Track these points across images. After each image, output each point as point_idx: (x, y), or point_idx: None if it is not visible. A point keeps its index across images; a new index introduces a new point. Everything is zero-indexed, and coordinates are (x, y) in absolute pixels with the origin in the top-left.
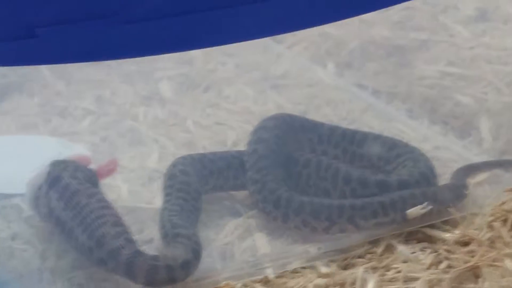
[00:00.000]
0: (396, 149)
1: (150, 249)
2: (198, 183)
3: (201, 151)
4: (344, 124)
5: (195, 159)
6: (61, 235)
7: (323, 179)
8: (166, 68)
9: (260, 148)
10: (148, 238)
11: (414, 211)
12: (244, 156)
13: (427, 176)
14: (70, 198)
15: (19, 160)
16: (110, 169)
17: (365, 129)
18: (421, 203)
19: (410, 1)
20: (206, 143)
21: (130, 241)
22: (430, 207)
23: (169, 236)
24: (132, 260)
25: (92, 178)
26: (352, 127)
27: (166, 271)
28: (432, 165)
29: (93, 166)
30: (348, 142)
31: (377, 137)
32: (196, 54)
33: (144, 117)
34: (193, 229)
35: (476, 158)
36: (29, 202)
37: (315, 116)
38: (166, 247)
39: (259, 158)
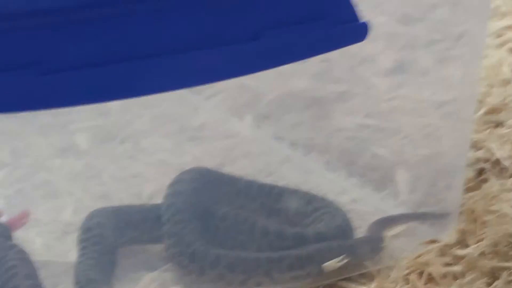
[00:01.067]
0: (313, 203)
1: None
2: (114, 236)
3: (117, 204)
4: (262, 177)
5: (110, 211)
6: None
7: (240, 232)
8: (82, 120)
9: (177, 201)
10: None
11: (330, 264)
12: (161, 209)
13: (344, 229)
14: None
15: None
16: (22, 221)
17: (283, 181)
18: (337, 256)
19: (327, 53)
20: (122, 196)
21: None
22: (346, 260)
23: None
24: None
25: (4, 232)
26: (269, 179)
27: None
28: (348, 218)
29: (4, 218)
30: (265, 197)
31: (294, 192)
32: (113, 105)
33: (59, 169)
34: (108, 285)
35: (393, 210)
36: None
37: (232, 168)
38: None
39: (176, 212)
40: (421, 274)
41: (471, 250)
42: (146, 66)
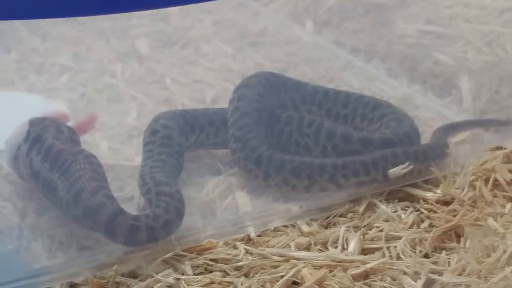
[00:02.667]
0: (380, 109)
1: (130, 207)
2: (180, 139)
3: (180, 108)
4: (323, 82)
5: (177, 114)
6: (45, 194)
7: (305, 135)
8: (141, 25)
9: (242, 105)
10: (129, 196)
11: (395, 171)
12: (226, 113)
13: (411, 135)
14: (54, 158)
15: (1, 116)
16: (90, 125)
17: (344, 87)
18: (402, 162)
19: None
20: (185, 101)
21: (111, 198)
22: (411, 166)
23: (151, 193)
24: (113, 219)
25: (72, 136)
26: (331, 85)
27: (147, 231)
28: (415, 125)
29: (72, 122)
30: (331, 102)
31: (361, 97)
32: (173, 11)
33: (121, 74)
34: (176, 187)
35: (456, 117)
36: (8, 161)
37: (293, 74)
38: (148, 205)
39: (241, 116)
40: (486, 180)
41: None
42: None
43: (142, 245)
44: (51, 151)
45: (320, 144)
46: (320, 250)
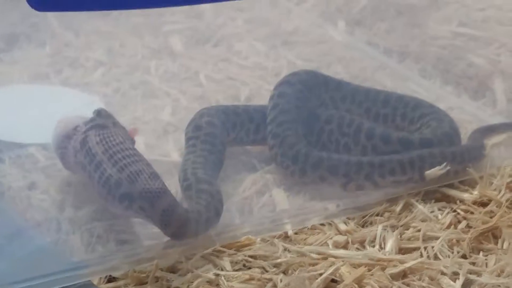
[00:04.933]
0: (420, 109)
1: None
2: (222, 135)
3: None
4: (356, 83)
5: (219, 110)
6: (94, 181)
7: (345, 135)
8: (174, 22)
9: (282, 102)
10: None
11: (432, 172)
12: (266, 110)
13: (451, 136)
14: (116, 151)
15: (34, 110)
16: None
17: (378, 88)
18: (439, 163)
19: None
20: (219, 98)
21: (167, 189)
22: (448, 167)
23: (192, 190)
24: (170, 209)
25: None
26: (364, 85)
27: (193, 224)
28: (456, 125)
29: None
30: (371, 102)
31: (401, 97)
32: (205, 8)
33: (155, 70)
34: (216, 185)
35: (490, 119)
36: (55, 150)
37: (327, 73)
38: (188, 201)
39: (280, 113)
40: None
41: None
42: None
43: (187, 238)
44: (113, 143)
45: (360, 144)
46: (357, 249)
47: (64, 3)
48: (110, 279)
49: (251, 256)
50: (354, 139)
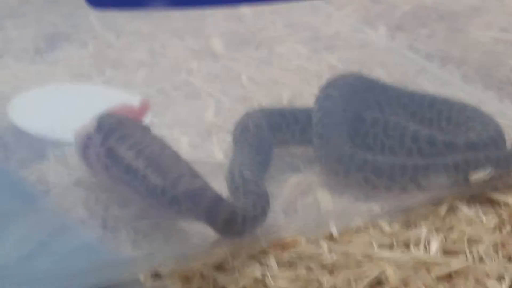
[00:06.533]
0: (465, 112)
1: None
2: (268, 136)
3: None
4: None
5: (266, 112)
6: (127, 182)
7: (390, 137)
8: (215, 24)
9: (328, 104)
10: None
11: (477, 175)
12: (311, 112)
13: (496, 139)
14: (141, 148)
15: (78, 109)
16: (142, 114)
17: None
18: (484, 167)
19: None
20: (262, 100)
21: (209, 186)
22: (493, 172)
23: (239, 191)
24: (215, 203)
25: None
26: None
27: (242, 221)
28: (501, 129)
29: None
30: (417, 105)
31: (446, 101)
32: (245, 11)
33: (198, 71)
34: (263, 186)
35: None
36: (78, 151)
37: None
38: (236, 201)
39: (326, 114)
40: None
41: None
42: None
43: (235, 234)
44: (135, 141)
45: (405, 147)
46: (402, 251)
47: (121, 1)
48: (156, 276)
49: (297, 256)
50: (399, 142)
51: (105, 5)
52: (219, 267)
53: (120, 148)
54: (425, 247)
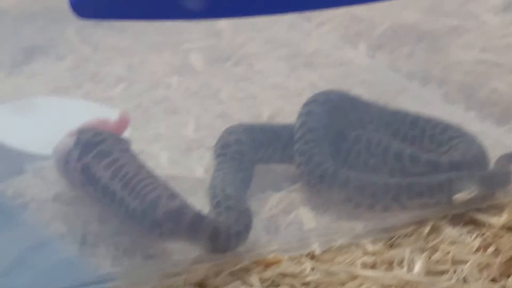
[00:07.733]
0: (449, 132)
1: None
2: (250, 153)
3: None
4: None
5: (247, 128)
6: (105, 202)
7: (372, 155)
8: (193, 40)
9: (309, 121)
10: None
11: (460, 195)
12: (293, 129)
13: (479, 159)
14: (117, 168)
15: (58, 122)
16: (122, 128)
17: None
18: (468, 186)
19: None
20: (241, 116)
21: (187, 204)
22: (476, 191)
23: (221, 207)
24: (197, 221)
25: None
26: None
27: (225, 236)
28: (484, 149)
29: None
30: (399, 123)
31: (429, 119)
32: (223, 27)
33: (177, 87)
34: (245, 203)
35: None
36: (57, 167)
37: None
38: (218, 217)
39: (308, 131)
40: None
41: None
42: None
43: (219, 251)
44: (112, 160)
45: (388, 165)
46: (385, 270)
47: (107, 11)
48: None
49: (279, 274)
50: (382, 160)
51: (91, 15)
52: (201, 284)
53: (96, 166)
54: (408, 266)
